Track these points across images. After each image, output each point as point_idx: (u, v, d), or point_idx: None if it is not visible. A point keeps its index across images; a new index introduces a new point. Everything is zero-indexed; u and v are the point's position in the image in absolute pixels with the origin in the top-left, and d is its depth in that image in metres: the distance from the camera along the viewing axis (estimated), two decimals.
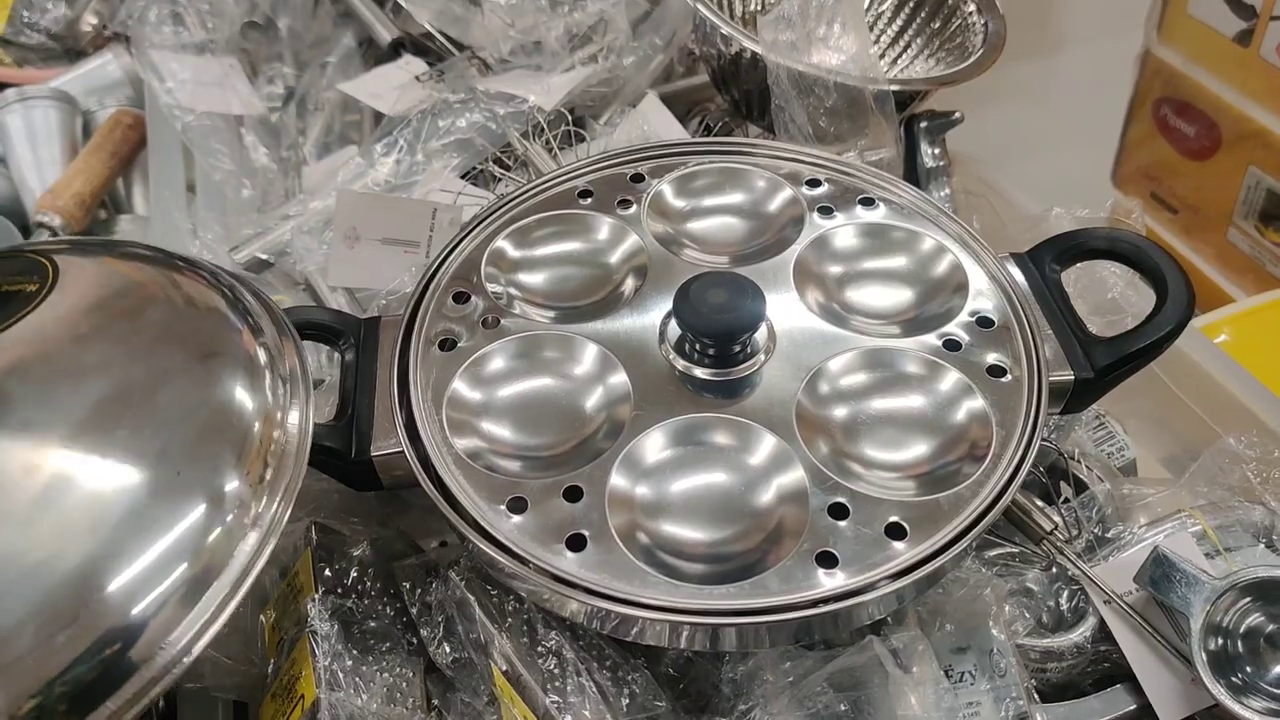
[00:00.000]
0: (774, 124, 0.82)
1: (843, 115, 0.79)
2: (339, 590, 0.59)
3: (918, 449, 0.56)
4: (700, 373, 0.59)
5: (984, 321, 0.62)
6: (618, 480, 0.55)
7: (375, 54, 1.07)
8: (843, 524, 0.52)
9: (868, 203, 0.68)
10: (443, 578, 0.59)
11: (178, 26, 1.05)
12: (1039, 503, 0.65)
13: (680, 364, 0.60)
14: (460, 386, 0.60)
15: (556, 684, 0.54)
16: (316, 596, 0.56)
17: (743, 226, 0.70)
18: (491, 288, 0.65)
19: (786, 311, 0.63)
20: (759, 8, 0.96)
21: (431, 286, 0.65)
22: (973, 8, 0.91)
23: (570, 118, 0.88)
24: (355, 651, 0.56)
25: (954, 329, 0.61)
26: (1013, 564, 0.64)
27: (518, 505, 0.54)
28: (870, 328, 0.63)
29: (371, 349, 0.63)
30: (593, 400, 0.60)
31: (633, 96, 0.95)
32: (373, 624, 0.59)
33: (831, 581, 0.50)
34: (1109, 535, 0.66)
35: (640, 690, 0.55)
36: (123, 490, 0.47)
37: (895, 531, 0.52)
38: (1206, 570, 0.59)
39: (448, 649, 0.58)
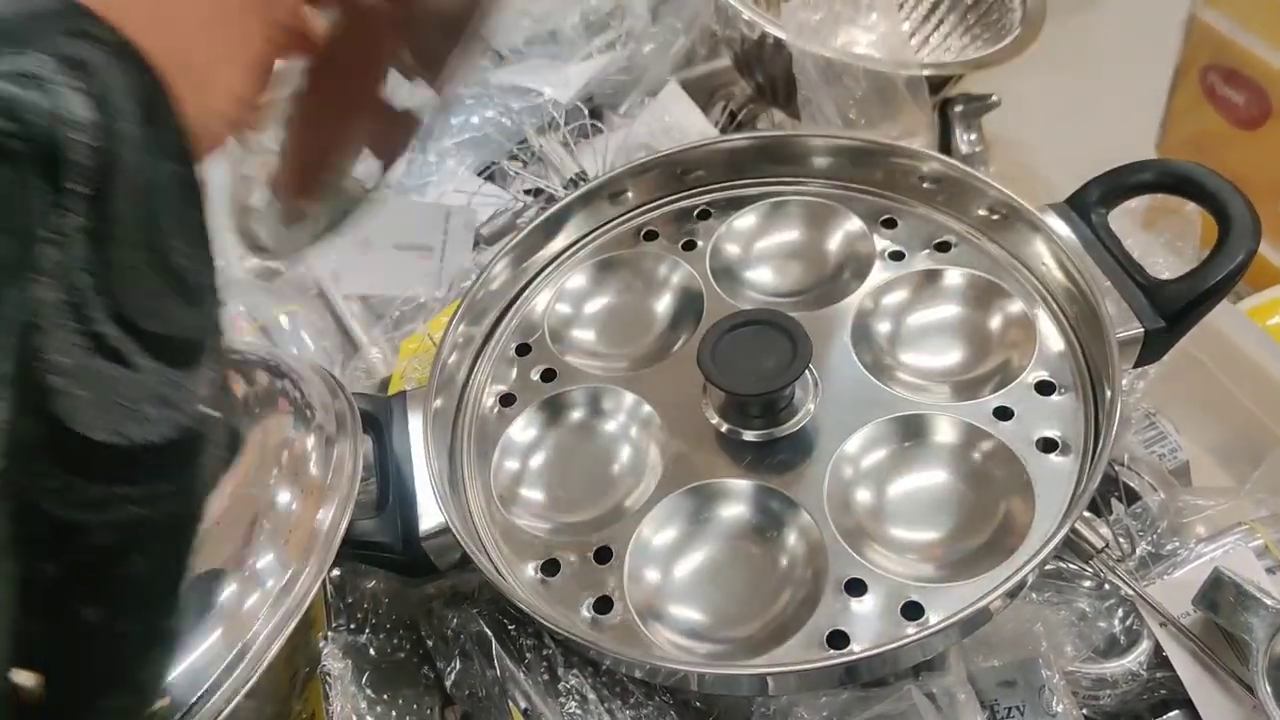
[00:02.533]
0: (800, 113, 0.78)
1: (873, 103, 0.75)
2: (352, 625, 0.57)
3: (948, 529, 0.52)
4: (741, 433, 0.56)
5: (1044, 387, 0.56)
6: (638, 548, 0.53)
7: None
8: (858, 603, 0.49)
9: (942, 248, 0.63)
10: (462, 610, 0.57)
11: None
12: (1088, 515, 0.62)
13: (716, 421, 0.57)
14: (510, 454, 0.59)
15: None
16: (329, 634, 0.54)
17: (807, 269, 0.65)
18: (551, 345, 0.63)
19: (839, 365, 0.58)
20: None
21: (487, 348, 0.64)
22: None
23: (588, 111, 0.85)
24: (369, 691, 0.54)
25: (1010, 395, 0.56)
26: (1062, 583, 0.60)
27: (551, 567, 0.54)
28: (921, 387, 0.58)
29: (404, 428, 0.59)
30: (629, 459, 0.58)
31: (653, 84, 0.92)
32: (388, 659, 0.57)
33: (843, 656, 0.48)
34: (1164, 551, 0.62)
35: None
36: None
37: (912, 611, 0.49)
38: (1270, 592, 0.56)
39: (465, 684, 0.56)
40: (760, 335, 0.54)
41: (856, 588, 0.49)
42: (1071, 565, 0.61)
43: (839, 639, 0.48)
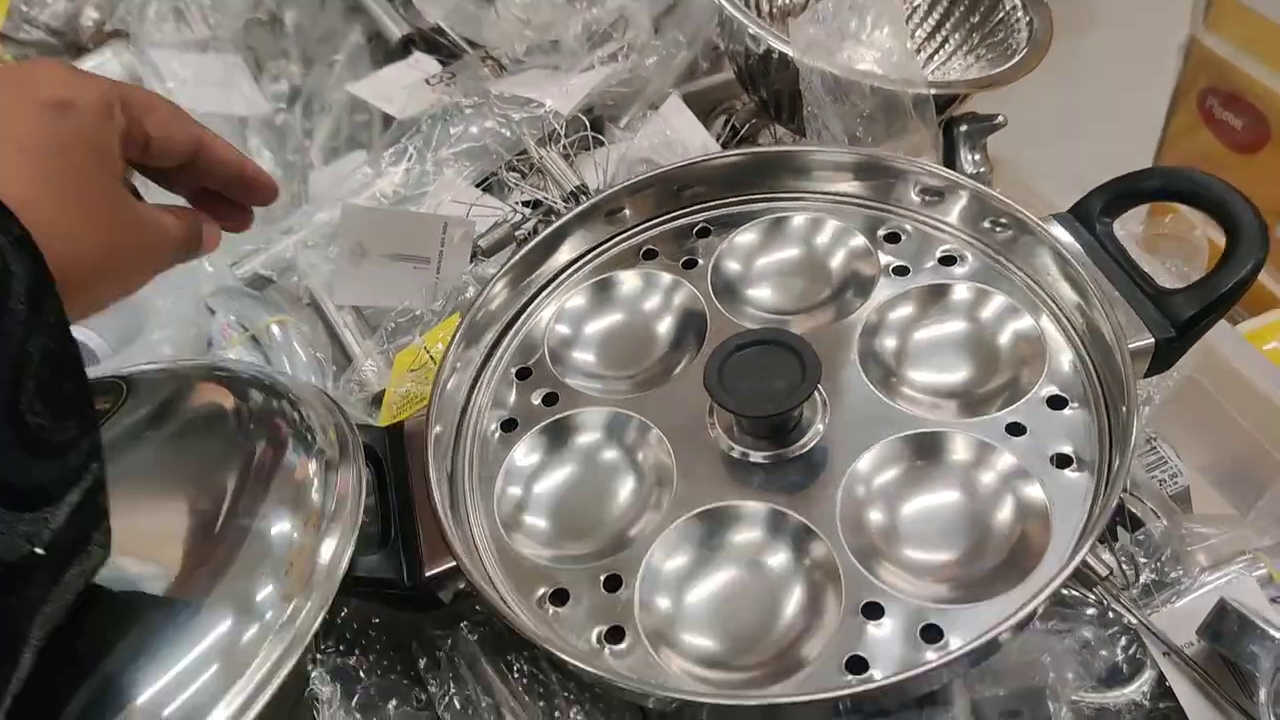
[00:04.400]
0: (805, 129, 0.77)
1: (880, 121, 0.74)
2: (340, 647, 0.55)
3: (964, 549, 0.51)
4: (750, 454, 0.55)
5: (1056, 402, 0.55)
6: (648, 575, 0.52)
7: (384, 50, 1.03)
8: (876, 627, 0.48)
9: (947, 261, 0.62)
10: (455, 630, 0.56)
11: (179, 23, 1.01)
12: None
13: (724, 443, 0.56)
14: (514, 481, 0.58)
15: None
16: (316, 657, 0.53)
17: (810, 286, 0.64)
18: (552, 367, 0.62)
19: (847, 383, 0.57)
20: (788, 4, 0.91)
21: (486, 371, 0.63)
22: (1016, 2, 0.86)
23: (588, 122, 0.84)
24: (359, 715, 0.52)
25: (1021, 410, 0.55)
26: (1066, 610, 0.59)
27: (559, 597, 0.52)
28: (931, 404, 0.57)
29: (400, 459, 0.58)
30: (635, 483, 0.57)
31: (654, 97, 0.91)
32: (377, 681, 0.55)
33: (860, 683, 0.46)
34: (1167, 579, 0.61)
35: None
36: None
37: (931, 634, 0.47)
38: (1275, 623, 0.55)
39: (457, 706, 0.55)
40: (767, 355, 0.53)
41: (874, 611, 0.48)
42: (1075, 593, 0.60)
43: (858, 664, 0.47)
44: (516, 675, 0.54)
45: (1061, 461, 0.53)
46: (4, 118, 0.39)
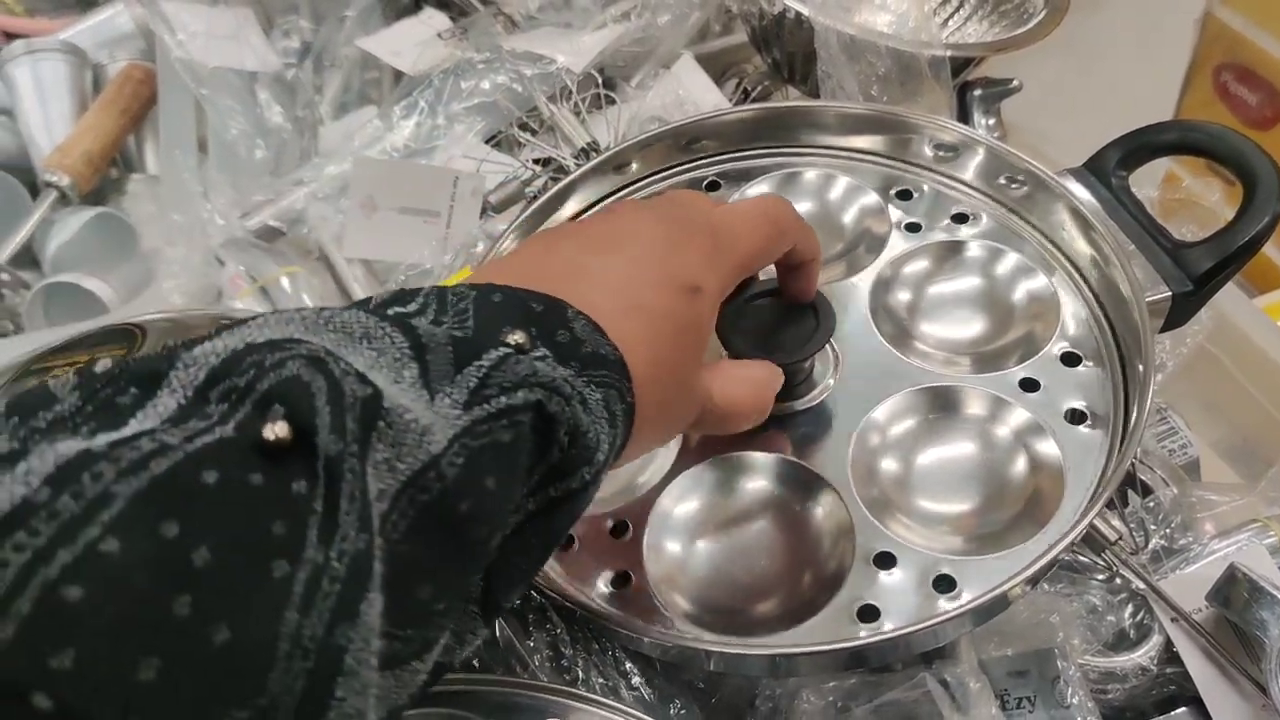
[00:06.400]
0: (819, 89, 0.76)
1: (895, 82, 0.73)
2: None
3: (977, 501, 0.51)
4: None
5: (1069, 359, 0.55)
6: (656, 521, 0.52)
7: (396, 7, 1.01)
8: (888, 576, 0.48)
9: (960, 219, 0.61)
10: None
11: None
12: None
13: None
14: None
15: None
16: None
17: (822, 241, 0.63)
18: None
19: (859, 337, 0.57)
20: None
21: None
22: None
23: (600, 80, 0.83)
24: None
25: (1035, 366, 0.54)
26: (1075, 575, 0.59)
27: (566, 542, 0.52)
28: (945, 360, 0.56)
29: None
30: None
31: (666, 57, 0.90)
32: None
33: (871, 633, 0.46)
34: (1176, 546, 0.61)
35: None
36: None
37: (944, 585, 0.47)
38: None
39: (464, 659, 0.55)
40: (780, 306, 0.52)
41: (886, 561, 0.48)
42: (1084, 557, 0.60)
43: (870, 613, 0.47)
44: (525, 628, 0.54)
45: (1075, 418, 0.52)
46: (642, 287, 0.38)
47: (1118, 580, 0.59)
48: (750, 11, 0.83)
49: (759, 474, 0.53)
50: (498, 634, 0.53)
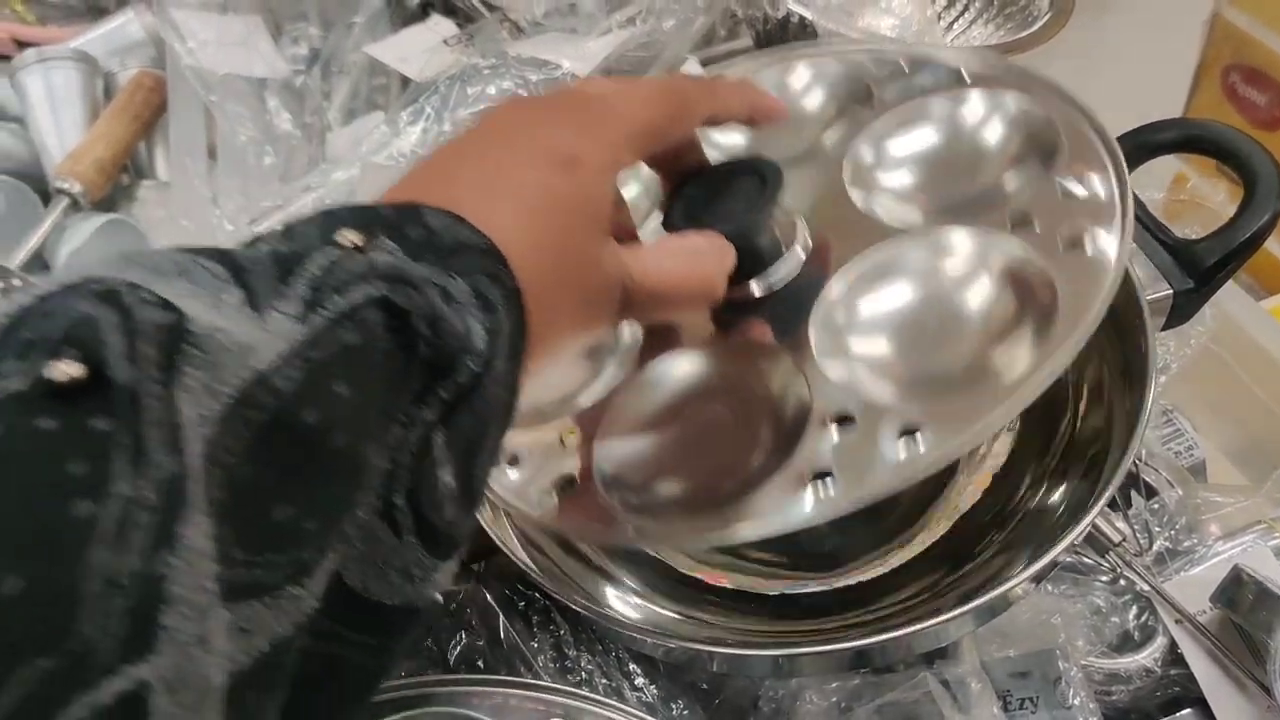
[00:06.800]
0: None
1: None
2: None
3: (952, 340, 0.44)
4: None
5: (1068, 194, 0.47)
6: (604, 421, 0.47)
7: (403, 14, 1.02)
8: (845, 434, 0.42)
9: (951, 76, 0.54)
10: (468, 583, 0.56)
11: None
12: (1106, 509, 0.61)
13: None
14: None
15: None
16: None
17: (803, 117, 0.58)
18: None
19: (834, 208, 0.50)
20: None
21: None
22: None
23: None
24: None
25: (1032, 204, 0.47)
26: (1078, 576, 0.60)
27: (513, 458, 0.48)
28: (923, 214, 0.50)
29: None
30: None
31: (671, 62, 0.90)
32: None
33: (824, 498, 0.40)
34: (1181, 548, 0.61)
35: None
36: None
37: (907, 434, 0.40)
38: None
39: (469, 658, 0.55)
40: (729, 181, 0.46)
41: (845, 421, 0.42)
42: (1088, 559, 0.60)
43: (823, 475, 0.41)
44: (530, 630, 0.54)
45: (1073, 243, 0.45)
46: (512, 168, 0.37)
47: (1122, 582, 0.59)
48: (755, 16, 0.84)
49: (709, 360, 0.48)
50: (502, 635, 0.54)
